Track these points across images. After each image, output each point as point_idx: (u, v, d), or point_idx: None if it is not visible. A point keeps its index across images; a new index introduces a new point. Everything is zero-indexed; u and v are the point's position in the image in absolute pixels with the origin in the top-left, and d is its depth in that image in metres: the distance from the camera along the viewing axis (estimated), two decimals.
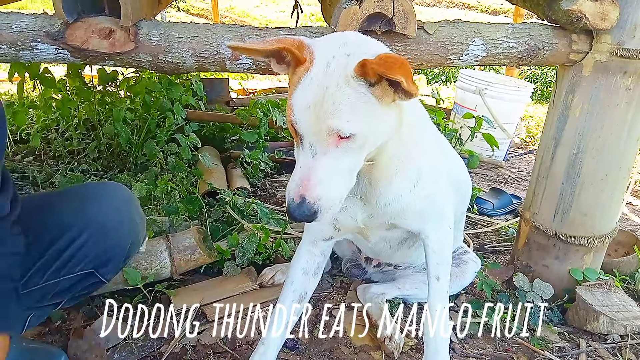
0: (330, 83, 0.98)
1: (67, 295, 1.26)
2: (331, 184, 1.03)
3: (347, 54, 1.01)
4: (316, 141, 1.01)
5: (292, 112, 1.02)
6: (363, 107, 1.01)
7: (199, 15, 10.94)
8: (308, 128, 1.01)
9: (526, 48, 1.62)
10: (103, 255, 1.25)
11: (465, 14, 10.91)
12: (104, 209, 1.28)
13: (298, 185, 1.02)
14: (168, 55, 1.47)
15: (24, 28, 1.40)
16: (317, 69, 1.00)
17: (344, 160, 1.04)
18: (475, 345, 1.69)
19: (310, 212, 1.02)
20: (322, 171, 1.02)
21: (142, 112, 2.88)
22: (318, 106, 0.98)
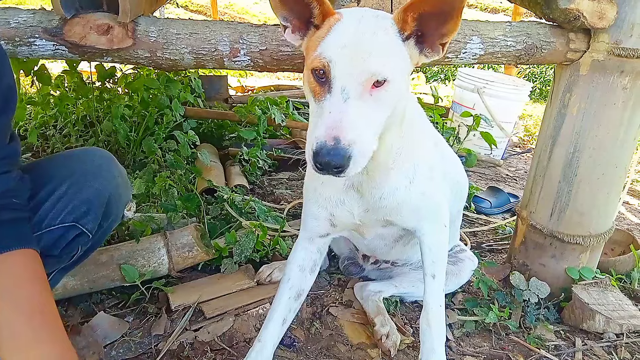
0: (366, 30, 0.99)
1: (54, 252, 1.26)
2: (363, 130, 0.98)
3: (375, 15, 1.04)
4: (350, 83, 0.97)
5: (324, 55, 0.98)
6: (398, 56, 1.02)
7: (198, 12, 10.92)
8: (343, 68, 0.97)
9: (524, 46, 1.62)
10: (82, 206, 1.26)
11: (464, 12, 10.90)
12: (83, 163, 1.31)
13: (330, 126, 0.94)
14: (166, 52, 1.47)
15: (21, 24, 1.40)
16: (348, 20, 1.01)
17: (375, 113, 1.01)
18: (472, 343, 1.70)
19: (346, 155, 0.93)
20: (355, 115, 0.97)
21: (140, 108, 2.88)
22: (355, 46, 0.97)
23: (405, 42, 1.03)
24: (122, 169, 1.41)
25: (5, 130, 1.09)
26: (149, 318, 1.68)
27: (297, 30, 1.10)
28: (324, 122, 0.96)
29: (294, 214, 2.51)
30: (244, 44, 1.47)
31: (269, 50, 1.48)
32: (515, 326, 1.75)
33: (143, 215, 2.08)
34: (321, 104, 1.00)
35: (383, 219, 1.40)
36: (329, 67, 0.98)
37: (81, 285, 1.68)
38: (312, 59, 1.02)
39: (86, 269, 1.67)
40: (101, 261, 1.71)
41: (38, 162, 1.35)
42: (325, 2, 1.03)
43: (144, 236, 1.88)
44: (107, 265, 1.72)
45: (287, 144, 3.39)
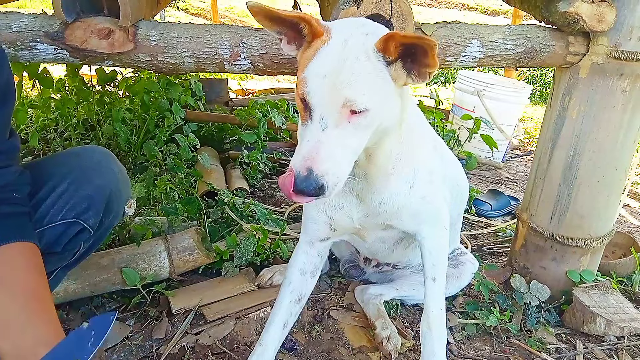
0: (349, 55, 0.99)
1: (56, 249, 1.27)
2: (339, 160, 1.02)
3: (365, 33, 1.03)
4: (328, 113, 0.99)
5: (305, 84, 1.00)
6: (379, 84, 1.02)
7: (198, 15, 10.94)
8: (322, 98, 0.99)
9: (523, 50, 1.63)
10: (83, 202, 1.27)
11: (465, 14, 10.93)
12: (84, 160, 1.32)
13: (305, 157, 0.99)
14: (167, 56, 1.47)
15: (23, 28, 1.41)
16: (335, 42, 1.01)
17: (352, 138, 1.03)
18: (473, 346, 1.70)
19: (318, 186, 0.98)
20: (331, 145, 1.00)
21: (141, 112, 2.88)
22: (335, 76, 0.98)
23: (389, 65, 1.02)
24: (121, 165, 1.41)
25: (5, 125, 1.10)
26: (150, 322, 1.68)
27: (292, 40, 1.10)
28: (302, 150, 1.01)
29: (294, 217, 2.51)
30: (244, 47, 1.48)
31: (269, 53, 1.48)
32: (516, 329, 1.75)
33: (144, 218, 2.08)
34: (304, 127, 1.04)
35: (383, 223, 1.40)
36: (310, 96, 1.00)
37: (82, 289, 1.69)
38: (298, 81, 1.04)
39: (87, 272, 1.67)
40: (102, 265, 1.71)
41: (38, 161, 1.37)
42: (312, 22, 1.03)
43: (145, 240, 1.88)
44: (108, 268, 1.72)
45: (287, 147, 3.40)
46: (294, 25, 1.06)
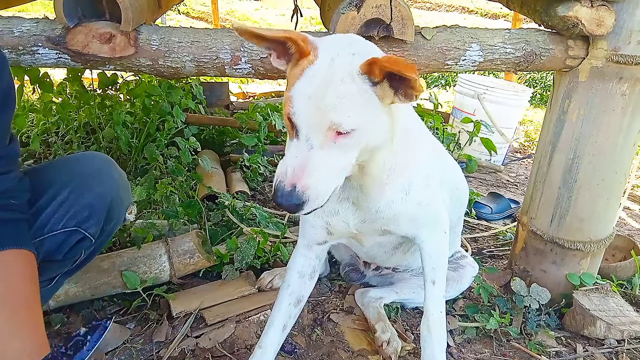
0: (334, 77, 0.98)
1: (57, 257, 1.27)
2: (323, 178, 1.03)
3: (352, 53, 1.02)
4: (314, 134, 1.00)
5: (291, 104, 1.01)
6: (365, 104, 1.01)
7: (199, 19, 10.99)
8: (307, 119, 1.00)
9: (523, 54, 1.63)
10: (84, 211, 1.27)
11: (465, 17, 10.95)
12: (84, 168, 1.32)
13: (290, 173, 1.01)
14: (168, 60, 1.48)
15: (25, 32, 1.41)
16: (321, 63, 1.01)
17: (338, 158, 1.04)
18: (473, 349, 1.70)
19: (299, 201, 1.00)
20: (316, 164, 1.01)
21: (141, 115, 2.89)
22: (320, 98, 0.98)
23: (376, 85, 1.01)
24: (122, 172, 1.41)
25: (5, 130, 1.10)
26: (151, 325, 1.68)
27: (282, 55, 1.10)
28: (288, 163, 1.02)
29: (294, 220, 2.51)
30: (245, 52, 1.49)
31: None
32: (516, 332, 1.75)
33: (144, 221, 2.08)
34: (291, 143, 1.05)
35: (380, 229, 1.40)
36: (296, 117, 1.00)
37: (83, 292, 1.69)
38: (285, 98, 1.04)
39: (88, 275, 1.67)
40: (103, 268, 1.71)
41: (38, 167, 1.36)
42: (299, 42, 1.03)
43: (146, 243, 1.89)
44: (109, 272, 1.72)
45: None
46: (281, 43, 1.07)
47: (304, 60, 1.02)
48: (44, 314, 1.59)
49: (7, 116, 1.10)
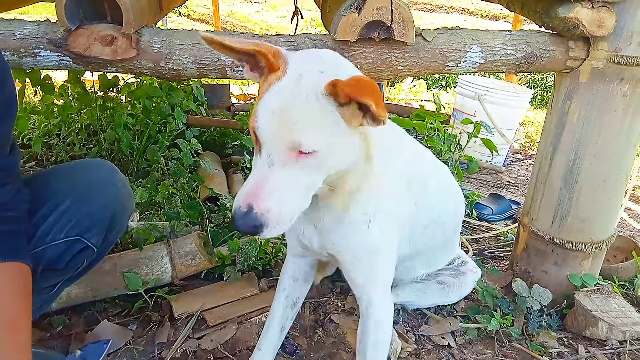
0: (299, 94, 0.95)
1: (59, 265, 1.26)
2: (283, 199, 0.97)
3: (320, 71, 0.98)
4: (275, 151, 0.96)
5: (255, 118, 0.97)
6: (328, 125, 0.96)
7: (200, 21, 11.01)
8: (269, 135, 0.96)
9: (523, 55, 1.64)
10: (86, 220, 1.26)
11: (465, 19, 10.96)
12: (86, 177, 1.31)
13: (248, 193, 0.96)
14: (169, 62, 1.48)
15: (27, 35, 1.42)
16: (288, 79, 0.97)
17: (301, 177, 0.98)
18: (474, 350, 1.70)
19: (256, 224, 0.95)
20: (276, 183, 0.96)
21: (143, 117, 2.90)
22: (283, 114, 0.94)
23: (342, 107, 0.96)
24: (125, 179, 1.41)
25: (6, 140, 1.09)
26: (152, 326, 1.68)
27: (255, 68, 1.06)
28: (246, 185, 0.98)
29: None
30: None
31: None
32: (517, 333, 1.75)
33: (146, 223, 2.09)
34: (255, 160, 1.02)
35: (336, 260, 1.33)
36: (259, 131, 0.97)
37: (85, 294, 1.69)
38: (251, 112, 1.00)
39: (90, 277, 1.67)
40: (105, 269, 1.71)
41: (40, 175, 1.36)
42: (268, 56, 0.99)
43: (147, 244, 1.89)
44: (111, 273, 1.73)
45: None
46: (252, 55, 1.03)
47: (272, 75, 0.99)
48: (45, 316, 1.61)
49: (8, 126, 1.10)
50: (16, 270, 1.07)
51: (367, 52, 1.52)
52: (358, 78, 0.96)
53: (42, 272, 1.24)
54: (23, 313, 1.06)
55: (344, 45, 1.50)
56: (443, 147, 2.68)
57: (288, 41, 1.50)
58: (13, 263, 1.06)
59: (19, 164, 1.15)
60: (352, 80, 0.94)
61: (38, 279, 1.24)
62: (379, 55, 1.53)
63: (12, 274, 1.06)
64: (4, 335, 1.01)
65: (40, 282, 1.28)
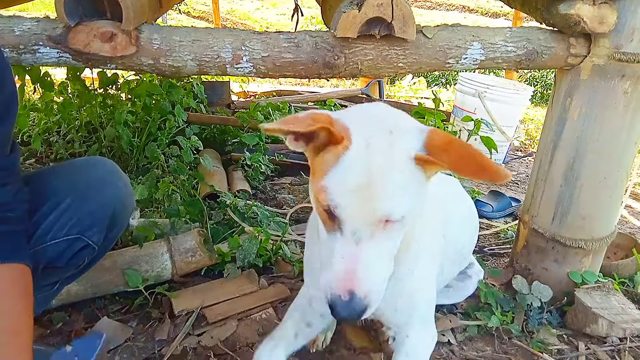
0: (378, 163, 0.88)
1: (60, 263, 1.26)
2: (378, 273, 0.93)
3: (389, 131, 0.92)
4: (362, 227, 0.90)
5: (329, 197, 0.89)
6: (414, 188, 0.91)
7: (200, 18, 10.98)
8: (353, 212, 0.89)
9: (524, 52, 1.63)
10: (86, 219, 1.26)
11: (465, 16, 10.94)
12: (87, 175, 1.31)
13: (344, 279, 0.89)
14: (169, 59, 1.48)
15: (26, 32, 1.41)
16: (357, 148, 0.90)
17: (389, 243, 0.94)
18: (474, 347, 1.70)
19: (362, 309, 0.89)
20: (368, 259, 0.90)
21: (143, 114, 2.90)
22: (366, 189, 0.87)
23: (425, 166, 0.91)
24: (126, 177, 1.41)
25: (7, 139, 1.09)
26: (152, 323, 1.68)
27: (300, 137, 0.97)
28: (337, 268, 0.91)
29: (296, 219, 2.51)
30: (246, 50, 1.49)
31: (271, 56, 1.49)
32: (518, 330, 1.75)
33: (146, 220, 2.09)
34: (332, 238, 0.94)
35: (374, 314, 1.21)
36: (339, 210, 0.90)
37: (85, 291, 1.69)
38: (317, 187, 0.93)
39: (90, 274, 1.67)
40: (105, 266, 1.71)
41: (40, 173, 1.35)
42: (332, 130, 0.90)
43: (148, 241, 1.89)
44: (111, 270, 1.73)
45: (289, 149, 3.40)
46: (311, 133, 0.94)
47: (335, 147, 0.91)
48: (45, 313, 1.61)
49: (9, 125, 1.09)
50: (17, 272, 1.07)
51: (368, 49, 1.52)
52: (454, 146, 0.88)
53: (42, 270, 1.24)
54: (24, 315, 1.05)
55: (344, 42, 1.50)
56: None
57: (288, 37, 1.50)
58: (13, 264, 1.06)
59: (19, 163, 1.15)
60: (450, 153, 0.86)
61: (39, 277, 1.24)
62: (380, 52, 1.53)
63: (12, 276, 1.06)
64: (5, 338, 1.01)
65: (40, 280, 1.28)
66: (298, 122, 0.91)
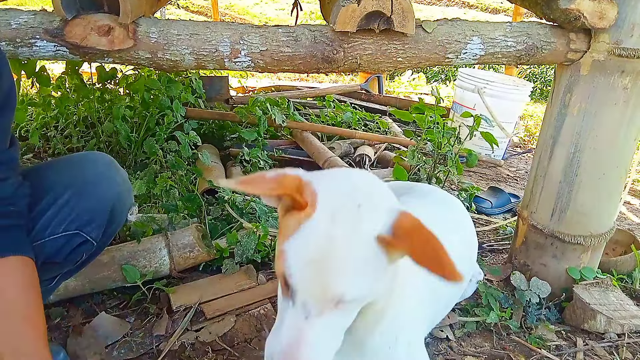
0: (338, 239, 0.81)
1: (58, 259, 1.26)
2: (323, 350, 0.87)
3: (357, 205, 0.84)
4: (313, 302, 0.83)
5: (286, 262, 0.83)
6: (373, 269, 0.84)
7: (199, 13, 10.95)
8: (305, 286, 0.83)
9: (524, 47, 1.62)
10: (85, 215, 1.25)
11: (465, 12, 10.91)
12: (85, 171, 1.30)
13: (285, 352, 0.84)
14: (167, 53, 1.47)
15: (22, 25, 1.40)
16: (321, 218, 0.83)
17: (340, 321, 0.88)
18: (473, 343, 1.70)
19: None
20: (315, 337, 0.85)
21: (141, 109, 2.88)
22: (320, 264, 0.81)
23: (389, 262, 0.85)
24: (124, 172, 1.40)
25: (5, 134, 1.08)
26: (150, 318, 1.68)
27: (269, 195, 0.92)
28: (281, 338, 0.86)
29: None
30: (244, 44, 1.48)
31: (270, 51, 1.48)
32: (516, 326, 1.75)
33: (144, 215, 2.08)
34: (285, 304, 0.89)
35: None
36: (291, 280, 0.84)
37: (82, 286, 1.69)
38: (278, 251, 0.88)
39: (88, 269, 1.66)
40: (102, 262, 1.71)
41: (38, 168, 1.35)
42: (295, 197, 0.85)
43: (145, 237, 1.89)
44: (109, 265, 1.72)
45: (287, 145, 3.39)
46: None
47: (299, 213, 0.85)
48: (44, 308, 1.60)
49: (7, 119, 1.09)
50: (22, 264, 1.08)
51: (367, 44, 1.51)
52: (420, 235, 0.81)
53: (41, 265, 1.24)
54: (34, 304, 1.08)
55: (343, 36, 1.49)
56: (442, 140, 2.67)
57: (287, 32, 1.49)
58: (18, 257, 1.07)
59: (19, 157, 1.14)
60: (414, 240, 0.80)
61: (37, 272, 1.24)
62: (379, 46, 1.52)
63: (19, 268, 1.07)
64: (19, 327, 1.03)
65: (39, 275, 1.28)
66: (262, 183, 0.86)
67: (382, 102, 4.80)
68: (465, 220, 1.60)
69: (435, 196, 1.61)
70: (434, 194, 1.63)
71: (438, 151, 2.67)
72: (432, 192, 1.64)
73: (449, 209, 1.58)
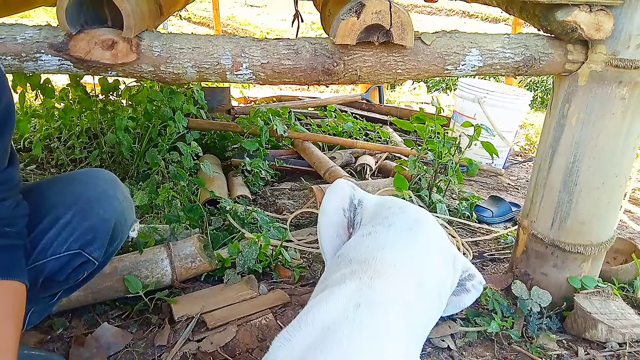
0: None
1: (59, 278, 1.26)
2: None
3: None
4: None
5: None
6: None
7: (201, 24, 11.04)
8: None
9: (522, 58, 1.64)
10: (87, 234, 1.25)
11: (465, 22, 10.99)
12: (87, 189, 1.30)
13: None
14: (169, 66, 1.49)
15: (28, 39, 1.42)
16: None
17: None
18: (474, 352, 1.70)
19: None
20: None
21: (143, 120, 2.91)
22: None
23: None
24: (126, 190, 1.41)
25: (4, 152, 1.07)
26: (152, 329, 1.69)
27: None
28: None
29: (296, 224, 2.52)
30: (245, 57, 1.50)
31: (271, 63, 1.50)
32: (517, 336, 1.75)
33: (146, 226, 2.09)
34: None
35: None
36: None
37: (85, 297, 1.70)
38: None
39: (90, 281, 1.68)
40: (105, 272, 1.72)
41: (40, 185, 1.35)
42: None
43: (148, 247, 1.90)
44: (111, 276, 1.73)
45: (289, 155, 3.41)
46: None
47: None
48: (45, 319, 1.62)
49: (5, 140, 1.07)
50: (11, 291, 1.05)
51: (367, 56, 1.53)
52: None
53: (42, 283, 1.25)
54: (11, 340, 1.02)
55: (343, 49, 1.51)
56: (443, 149, 2.68)
57: (287, 44, 1.51)
58: (8, 282, 1.04)
59: (18, 176, 1.14)
60: None
61: (38, 290, 1.25)
62: (378, 58, 1.54)
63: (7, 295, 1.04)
64: None
65: (40, 292, 1.29)
66: None
67: (383, 112, 4.83)
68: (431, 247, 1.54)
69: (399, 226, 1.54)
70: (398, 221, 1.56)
71: (439, 160, 2.69)
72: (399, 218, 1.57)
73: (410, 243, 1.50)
